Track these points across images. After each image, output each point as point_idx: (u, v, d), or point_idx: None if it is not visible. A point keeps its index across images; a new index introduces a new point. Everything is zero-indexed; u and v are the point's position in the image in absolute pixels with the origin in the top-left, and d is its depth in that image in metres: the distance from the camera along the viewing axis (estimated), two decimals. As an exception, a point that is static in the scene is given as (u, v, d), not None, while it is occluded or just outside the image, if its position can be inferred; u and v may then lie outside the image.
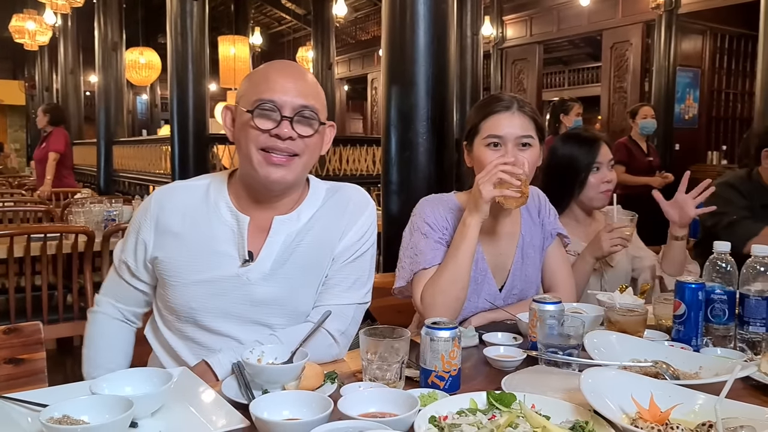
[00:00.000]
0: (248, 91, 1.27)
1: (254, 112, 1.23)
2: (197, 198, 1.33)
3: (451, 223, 1.63)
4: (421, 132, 2.34)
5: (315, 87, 1.31)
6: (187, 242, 1.30)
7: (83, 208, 3.58)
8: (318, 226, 1.34)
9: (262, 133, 1.24)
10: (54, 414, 0.91)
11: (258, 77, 1.28)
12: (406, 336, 1.17)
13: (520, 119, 1.60)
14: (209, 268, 1.28)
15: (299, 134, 1.25)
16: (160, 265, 1.32)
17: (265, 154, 1.24)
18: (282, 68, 1.29)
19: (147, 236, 1.32)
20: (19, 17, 7.66)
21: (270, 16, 14.09)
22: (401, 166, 2.38)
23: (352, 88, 14.35)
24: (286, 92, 1.24)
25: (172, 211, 1.31)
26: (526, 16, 9.02)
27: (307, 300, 1.34)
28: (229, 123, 1.32)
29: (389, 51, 2.41)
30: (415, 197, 2.35)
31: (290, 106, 1.24)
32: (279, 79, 1.25)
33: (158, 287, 1.36)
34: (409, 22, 2.32)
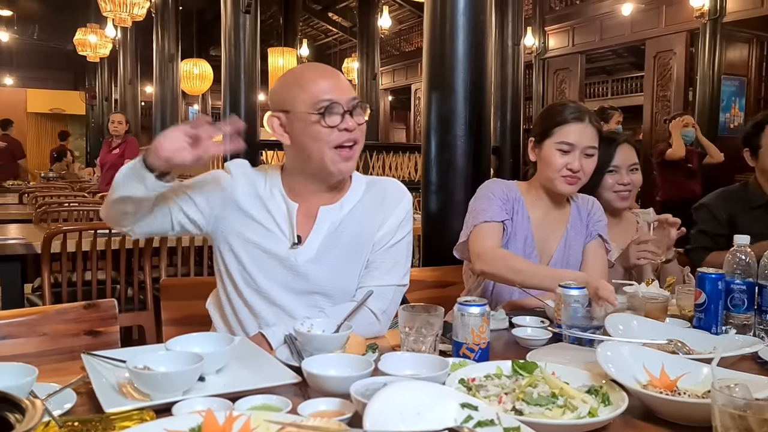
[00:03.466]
0: (300, 95, 1.40)
1: (323, 113, 1.37)
2: (260, 180, 1.50)
3: (510, 199, 1.85)
4: (459, 135, 2.47)
5: (347, 81, 1.48)
6: (248, 214, 1.46)
7: (142, 208, 3.79)
8: (359, 215, 1.49)
9: (333, 130, 1.38)
10: (137, 364, 1.07)
11: (305, 83, 1.41)
12: (440, 312, 1.30)
13: (591, 131, 1.82)
14: (266, 243, 1.45)
15: (358, 123, 1.41)
16: (221, 228, 1.46)
17: (339, 150, 1.40)
18: (320, 69, 1.45)
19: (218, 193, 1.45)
20: (83, 31, 8.10)
21: (317, 28, 14.41)
22: (440, 167, 2.51)
23: (395, 99, 14.53)
24: (339, 89, 1.40)
25: (242, 185, 1.47)
26: (569, 27, 9.05)
27: (350, 282, 1.48)
28: (279, 129, 1.44)
29: (430, 59, 2.54)
30: (453, 197, 2.51)
31: (345, 100, 1.40)
32: (327, 80, 1.41)
33: (218, 252, 1.51)
34: (448, 32, 2.46)
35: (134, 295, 3.30)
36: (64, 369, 1.54)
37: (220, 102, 14.63)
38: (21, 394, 1.02)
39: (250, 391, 1.03)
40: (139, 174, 1.31)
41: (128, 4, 5.72)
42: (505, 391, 1.05)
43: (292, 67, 1.52)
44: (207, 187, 1.47)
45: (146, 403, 1.00)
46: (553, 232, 1.88)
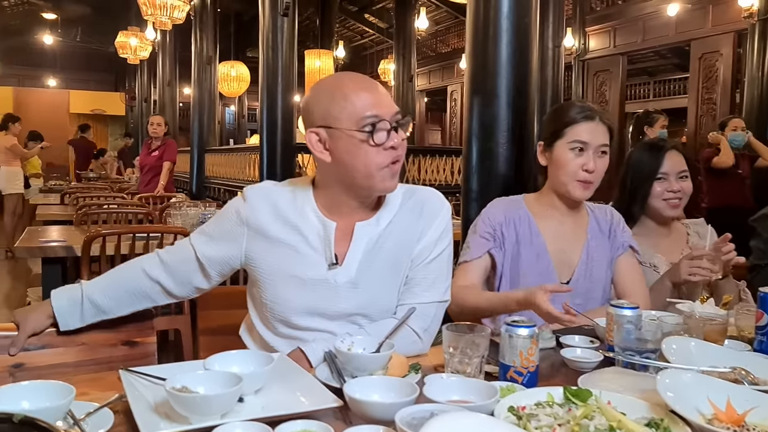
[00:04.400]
0: (343, 111, 1.30)
1: (369, 131, 1.29)
2: (286, 200, 1.41)
3: (508, 220, 1.79)
4: (501, 142, 2.40)
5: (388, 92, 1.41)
6: (277, 242, 1.38)
7: (180, 210, 3.82)
8: (397, 229, 1.42)
9: (380, 149, 1.31)
10: (175, 384, 1.04)
11: (348, 96, 1.31)
12: (487, 332, 1.24)
13: (602, 129, 1.75)
14: (298, 269, 1.38)
15: (402, 139, 1.35)
16: (252, 263, 1.41)
17: (386, 169, 1.33)
18: (359, 80, 1.35)
19: (238, 236, 1.40)
20: (124, 34, 8.23)
21: (353, 30, 14.42)
22: (481, 174, 2.45)
23: (431, 100, 14.46)
24: (382, 103, 1.32)
25: (264, 212, 1.40)
26: (610, 27, 8.87)
27: (390, 299, 1.42)
28: (319, 146, 1.35)
29: (472, 63, 2.48)
30: (495, 205, 2.44)
31: (389, 115, 1.32)
32: (369, 92, 1.31)
33: (250, 286, 1.48)
34: (491, 36, 2.39)
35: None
36: (101, 379, 1.53)
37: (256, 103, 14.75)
38: (58, 414, 1.00)
39: (290, 416, 0.99)
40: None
41: (168, 7, 5.78)
42: (558, 422, 0.99)
43: (326, 78, 1.44)
44: (219, 236, 1.42)
45: (185, 427, 0.97)
46: (572, 243, 1.79)
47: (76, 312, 1.41)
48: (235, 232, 1.41)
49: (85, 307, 1.42)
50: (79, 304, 1.41)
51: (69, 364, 1.51)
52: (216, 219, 1.48)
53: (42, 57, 15.22)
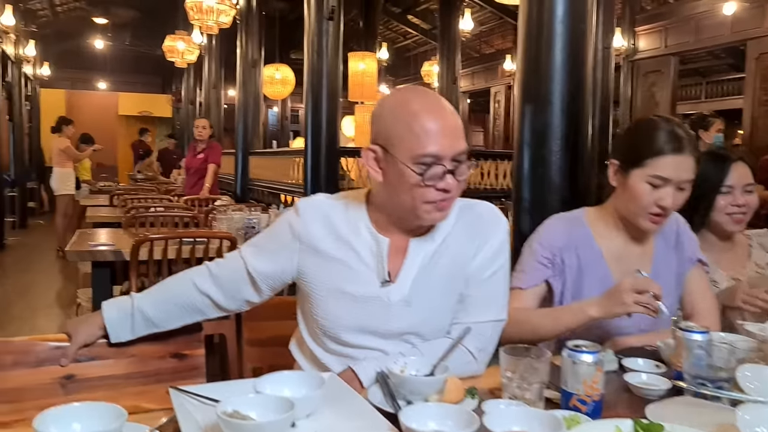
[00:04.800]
0: (404, 139, 1.24)
1: (421, 173, 1.23)
2: (338, 215, 1.38)
3: (569, 244, 1.63)
4: (554, 150, 2.32)
5: (460, 124, 1.29)
6: (330, 258, 1.35)
7: (225, 215, 3.84)
8: (452, 246, 1.37)
9: (430, 188, 1.25)
10: (226, 408, 1.01)
11: (412, 124, 1.23)
12: (547, 357, 1.18)
13: (689, 162, 1.55)
14: (350, 286, 1.34)
15: (458, 180, 1.27)
16: (304, 278, 1.38)
17: (433, 204, 1.27)
18: (431, 110, 1.25)
19: (290, 251, 1.37)
20: (171, 38, 8.37)
21: (396, 31, 14.39)
22: (534, 183, 2.37)
23: (474, 102, 14.32)
24: (445, 143, 1.23)
25: (317, 226, 1.37)
26: (661, 27, 8.62)
27: (444, 318, 1.37)
28: (373, 164, 1.30)
29: (524, 69, 2.41)
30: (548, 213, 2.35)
31: (450, 155, 1.24)
32: (437, 127, 1.23)
33: (301, 300, 1.44)
34: (545, 41, 2.32)
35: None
36: (149, 393, 1.53)
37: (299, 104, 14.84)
38: (109, 438, 0.99)
39: (344, 445, 0.95)
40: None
41: (215, 12, 5.84)
42: (629, 460, 0.93)
43: (398, 92, 1.36)
44: (271, 250, 1.40)
45: (236, 454, 0.94)
46: (638, 262, 1.62)
47: (126, 324, 1.41)
48: (288, 246, 1.39)
49: (136, 320, 1.41)
50: (129, 316, 1.41)
51: (118, 376, 1.51)
52: (268, 232, 1.45)
53: (93, 60, 15.63)
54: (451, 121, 1.26)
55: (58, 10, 13.30)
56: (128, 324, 1.41)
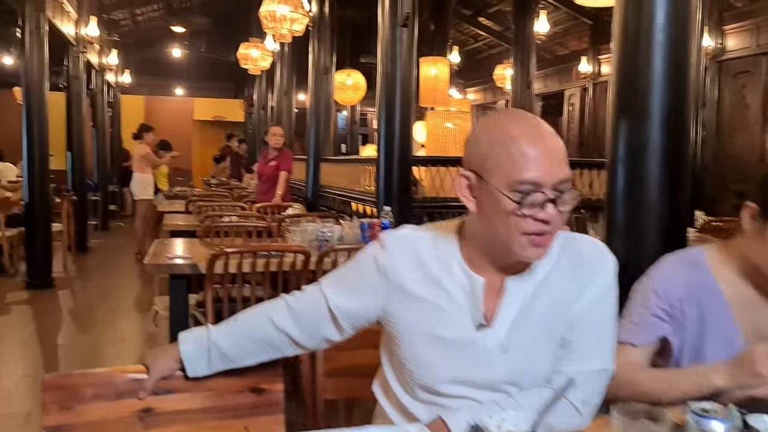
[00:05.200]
0: (500, 164, 1.13)
1: (519, 201, 1.12)
2: (428, 250, 1.27)
3: (689, 294, 1.42)
4: (652, 168, 2.15)
5: (563, 150, 1.17)
6: (418, 298, 1.25)
7: (299, 226, 3.81)
8: (554, 285, 1.24)
9: (527, 218, 1.13)
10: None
11: (510, 148, 1.13)
12: (667, 419, 1.04)
13: None
14: (441, 329, 1.23)
15: (560, 211, 1.14)
16: (389, 318, 1.29)
17: (529, 237, 1.14)
18: (532, 135, 1.14)
19: (375, 288, 1.28)
20: (245, 45, 8.51)
21: (466, 33, 14.20)
22: (628, 205, 2.20)
23: (546, 104, 13.95)
24: (546, 169, 1.12)
25: (405, 263, 1.26)
26: (752, 25, 8.10)
27: (545, 366, 1.24)
28: (466, 192, 1.19)
29: (619, 81, 2.24)
30: (644, 242, 2.19)
31: (551, 184, 1.12)
32: (535, 153, 1.12)
33: (387, 342, 1.35)
34: (643, 50, 2.14)
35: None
36: (226, 427, 1.48)
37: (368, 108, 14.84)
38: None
39: None
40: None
41: (288, 21, 5.86)
42: None
43: (496, 116, 1.23)
44: (355, 287, 1.30)
45: None
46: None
47: (203, 358, 1.36)
48: (373, 283, 1.29)
49: (212, 354, 1.35)
50: (206, 351, 1.35)
51: (196, 410, 1.46)
52: (352, 267, 1.36)
53: (170, 67, 16.16)
54: (552, 146, 1.14)
55: (138, 19, 13.81)
56: (204, 359, 1.35)
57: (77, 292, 6.81)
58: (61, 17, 8.11)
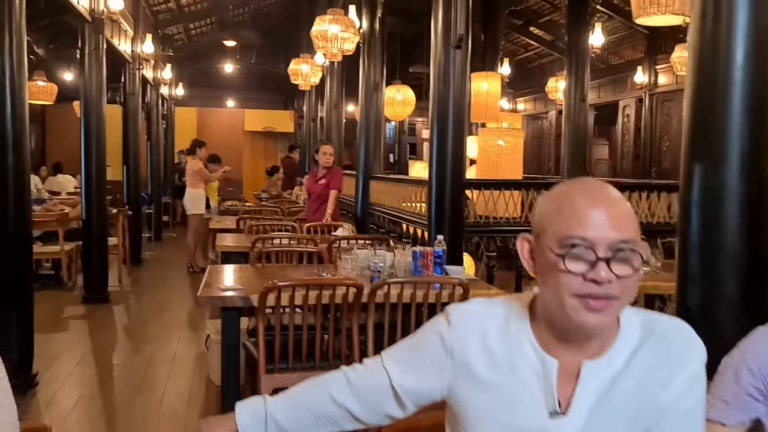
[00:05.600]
0: (552, 222, 1.09)
1: (565, 256, 1.05)
2: (497, 328, 1.19)
3: None
4: (730, 212, 2.01)
5: (629, 214, 1.09)
6: (487, 381, 1.17)
7: (350, 254, 3.77)
8: (635, 372, 1.14)
9: (575, 277, 1.06)
10: None
11: (563, 206, 1.09)
12: None
13: None
14: (512, 416, 1.15)
15: (617, 275, 1.05)
16: (455, 398, 1.21)
17: (582, 300, 1.06)
18: (591, 195, 1.09)
19: (441, 367, 1.21)
20: (296, 61, 8.56)
21: (516, 43, 14.01)
22: (703, 251, 2.07)
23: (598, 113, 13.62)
24: (599, 227, 1.05)
25: (473, 342, 1.19)
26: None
27: None
28: (527, 254, 1.15)
29: (693, 122, 2.11)
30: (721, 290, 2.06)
31: (605, 244, 1.04)
32: (590, 211, 1.06)
33: (450, 420, 1.27)
34: (720, 89, 2.01)
35: (341, 349, 3.25)
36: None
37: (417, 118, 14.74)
38: None
39: None
40: None
41: (339, 40, 5.85)
42: None
43: (565, 183, 1.18)
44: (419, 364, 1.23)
45: None
46: None
47: (259, 431, 1.31)
48: (438, 362, 1.21)
49: (269, 427, 1.30)
50: (262, 423, 1.30)
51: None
52: (416, 342, 1.28)
53: (221, 79, 16.46)
54: (613, 206, 1.07)
55: (191, 33, 14.11)
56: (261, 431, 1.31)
57: (131, 307, 6.95)
58: (118, 36, 8.33)
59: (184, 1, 11.61)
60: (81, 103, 6.80)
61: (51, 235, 7.36)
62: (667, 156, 10.37)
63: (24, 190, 4.23)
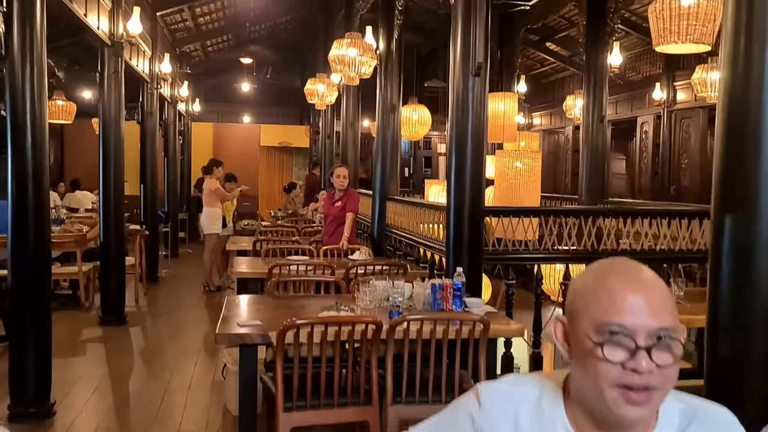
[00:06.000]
0: (588, 306, 1.05)
1: (603, 344, 1.02)
2: (530, 410, 1.15)
3: None
4: (764, 267, 1.96)
5: (667, 297, 1.06)
6: None
7: (368, 286, 3.74)
8: None
9: (614, 365, 1.02)
10: None
11: (599, 290, 1.06)
12: None
13: None
14: None
15: (658, 365, 1.01)
16: None
17: (622, 391, 1.02)
18: (627, 278, 1.06)
19: None
20: (312, 81, 8.58)
21: (533, 58, 13.96)
22: (735, 304, 2.01)
23: (615, 128, 13.52)
24: (638, 313, 1.02)
25: (503, 424, 1.15)
26: None
27: None
28: (561, 337, 1.12)
29: (722, 171, 2.06)
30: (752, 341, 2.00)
31: (645, 332, 1.01)
32: (627, 295, 1.03)
33: None
34: (751, 141, 1.97)
35: (360, 387, 3.22)
36: None
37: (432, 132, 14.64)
38: None
39: None
40: None
41: (357, 64, 5.85)
42: None
43: (601, 263, 1.15)
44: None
45: None
46: None
47: None
48: None
49: None
50: None
51: None
52: (445, 421, 1.23)
53: (237, 94, 16.55)
54: (650, 290, 1.04)
55: (208, 50, 14.22)
56: None
57: (148, 329, 6.96)
58: (137, 56, 8.39)
59: (202, 20, 11.70)
60: (99, 123, 6.85)
61: (69, 255, 7.40)
62: (687, 173, 10.25)
63: (43, 220, 4.25)
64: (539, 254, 4.80)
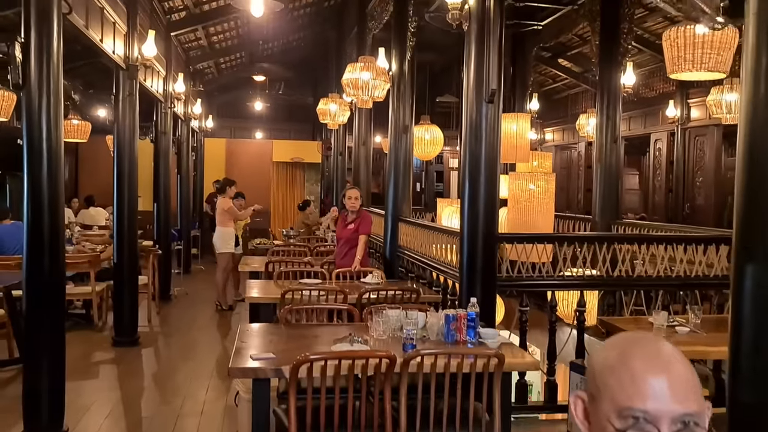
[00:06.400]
0: (609, 387, 1.03)
1: (625, 431, 0.99)
2: None
3: None
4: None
5: (692, 380, 1.03)
6: None
7: (382, 316, 3.72)
8: None
9: None
10: None
11: (620, 371, 1.03)
12: None
13: None
14: None
15: None
16: None
17: None
18: (650, 359, 1.03)
19: None
20: (324, 101, 8.61)
21: (545, 74, 13.95)
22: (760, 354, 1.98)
23: (629, 144, 13.45)
24: (661, 398, 0.99)
25: None
26: None
27: None
28: (581, 414, 1.09)
29: (743, 209, 2.03)
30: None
31: (669, 417, 0.98)
32: (650, 378, 1.00)
33: None
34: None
35: (374, 419, 3.19)
36: None
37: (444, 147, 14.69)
38: None
39: None
40: None
41: (370, 88, 5.86)
42: None
43: (622, 337, 1.12)
44: None
45: None
46: None
47: None
48: None
49: None
50: None
51: None
52: None
53: (250, 110, 16.65)
54: (675, 373, 1.01)
55: (222, 67, 14.32)
56: None
57: (160, 350, 6.96)
58: (151, 77, 8.46)
59: (215, 38, 11.79)
60: (114, 143, 6.91)
61: (83, 275, 7.44)
62: (701, 192, 10.17)
63: (59, 244, 4.28)
64: (553, 281, 4.76)
